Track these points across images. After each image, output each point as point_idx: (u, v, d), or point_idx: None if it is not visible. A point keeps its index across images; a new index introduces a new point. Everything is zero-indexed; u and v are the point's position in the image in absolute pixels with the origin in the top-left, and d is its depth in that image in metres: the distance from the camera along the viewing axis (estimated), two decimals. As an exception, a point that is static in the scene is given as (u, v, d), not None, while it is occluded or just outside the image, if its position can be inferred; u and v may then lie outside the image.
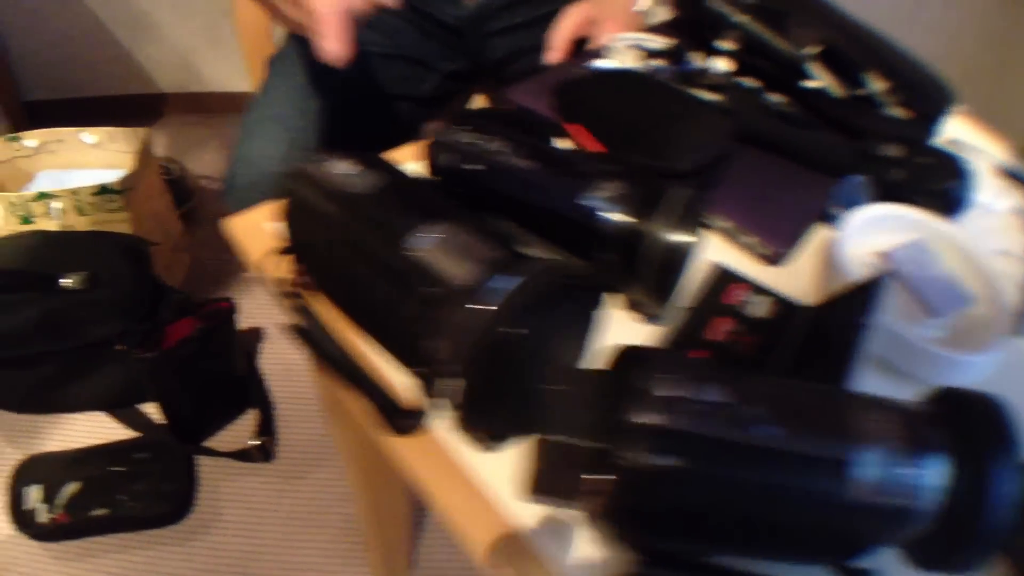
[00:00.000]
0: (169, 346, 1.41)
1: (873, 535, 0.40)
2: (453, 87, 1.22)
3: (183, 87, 2.36)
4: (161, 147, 2.28)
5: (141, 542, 1.47)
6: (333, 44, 0.66)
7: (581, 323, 0.52)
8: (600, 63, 0.81)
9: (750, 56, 0.83)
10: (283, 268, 0.59)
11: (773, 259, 0.66)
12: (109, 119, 1.69)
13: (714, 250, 0.67)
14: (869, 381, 0.46)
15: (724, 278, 0.63)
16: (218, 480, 1.55)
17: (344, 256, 0.52)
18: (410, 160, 0.72)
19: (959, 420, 0.39)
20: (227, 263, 1.93)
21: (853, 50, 0.74)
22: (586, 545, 0.47)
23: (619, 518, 0.41)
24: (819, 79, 0.78)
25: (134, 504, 1.47)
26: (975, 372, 0.57)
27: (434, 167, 0.63)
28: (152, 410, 1.60)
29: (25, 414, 1.64)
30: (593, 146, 0.70)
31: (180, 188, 1.98)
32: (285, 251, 0.58)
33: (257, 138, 0.99)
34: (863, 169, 0.69)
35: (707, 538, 0.41)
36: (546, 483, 0.43)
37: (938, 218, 0.66)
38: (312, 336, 0.56)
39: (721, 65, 0.85)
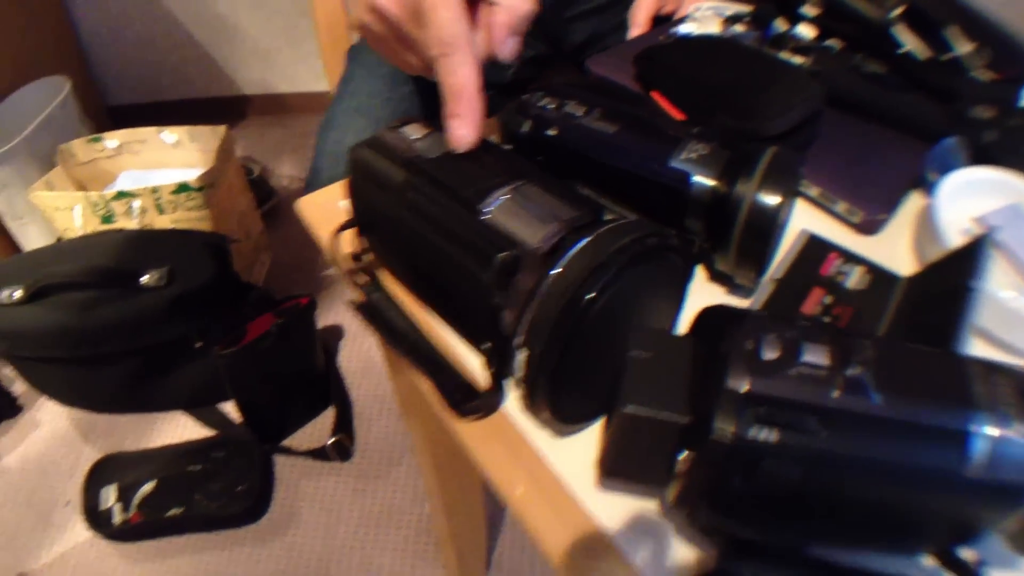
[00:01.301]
0: (249, 342, 1.40)
1: (988, 517, 0.34)
2: (533, 73, 1.18)
3: (264, 88, 2.39)
4: (243, 147, 2.32)
5: (216, 543, 1.47)
6: (469, 130, 0.50)
7: (670, 294, 0.47)
8: (682, 29, 0.77)
9: (834, 21, 0.79)
10: (350, 244, 0.56)
11: (867, 227, 0.62)
12: (192, 121, 1.72)
13: (803, 218, 0.63)
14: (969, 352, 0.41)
15: (817, 247, 0.58)
16: (296, 479, 1.55)
17: (411, 224, 0.47)
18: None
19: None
20: (308, 262, 1.94)
21: (935, 9, 0.70)
22: (664, 538, 0.42)
23: (708, 502, 0.36)
24: (904, 43, 0.74)
25: (210, 503, 1.47)
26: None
27: (506, 135, 0.58)
28: (231, 409, 1.61)
29: (108, 413, 1.67)
30: (675, 114, 0.66)
31: (261, 187, 2.01)
32: (349, 224, 0.55)
33: (340, 130, 0.96)
34: (956, 132, 0.66)
35: (804, 524, 0.36)
36: (624, 463, 0.39)
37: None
38: (377, 310, 0.52)
39: (805, 31, 0.81)
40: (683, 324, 0.42)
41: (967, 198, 0.62)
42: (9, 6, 1.90)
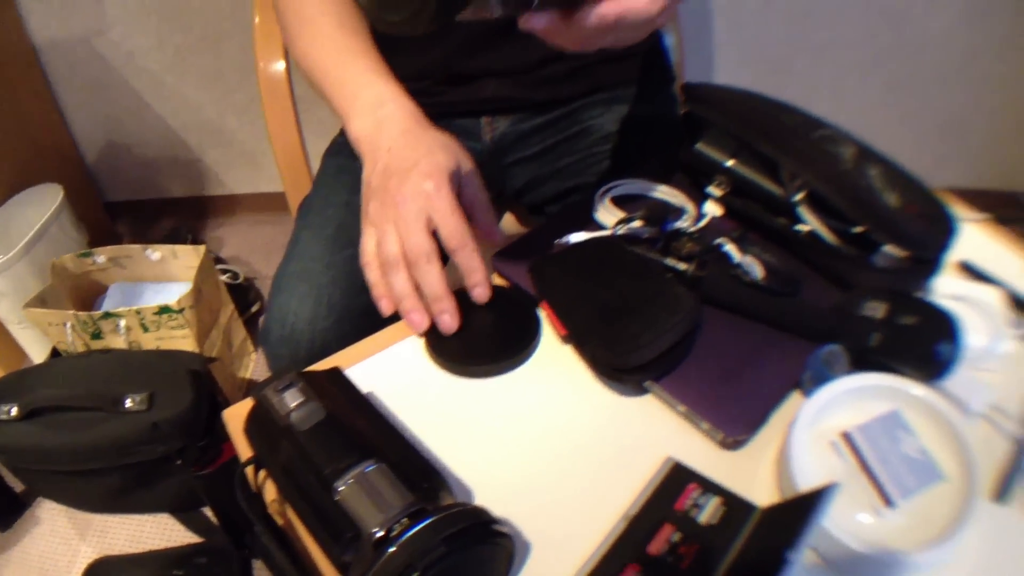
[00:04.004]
0: (224, 462, 1.47)
1: None
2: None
3: (252, 188, 2.46)
4: (232, 247, 2.40)
5: (199, 648, 1.51)
6: (451, 323, 0.73)
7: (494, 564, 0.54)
8: (573, 238, 0.82)
9: (741, 200, 0.84)
10: (252, 475, 0.63)
11: (729, 446, 0.64)
12: (186, 218, 1.76)
13: (675, 435, 0.65)
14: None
15: (679, 477, 0.60)
16: (274, 584, 1.60)
17: (285, 483, 0.56)
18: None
19: None
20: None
21: (836, 200, 0.73)
22: None
23: None
24: (808, 221, 0.78)
25: (194, 610, 1.51)
26: (930, 567, 0.55)
27: None
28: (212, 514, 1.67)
29: (100, 514, 1.75)
30: (559, 329, 0.73)
31: (246, 293, 2.08)
32: (251, 461, 0.63)
33: (286, 294, 0.97)
34: (839, 335, 0.67)
35: None
36: None
37: (918, 384, 0.62)
38: (264, 547, 0.59)
39: (713, 209, 0.86)
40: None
41: (844, 406, 0.62)
42: (5, 113, 2.01)
